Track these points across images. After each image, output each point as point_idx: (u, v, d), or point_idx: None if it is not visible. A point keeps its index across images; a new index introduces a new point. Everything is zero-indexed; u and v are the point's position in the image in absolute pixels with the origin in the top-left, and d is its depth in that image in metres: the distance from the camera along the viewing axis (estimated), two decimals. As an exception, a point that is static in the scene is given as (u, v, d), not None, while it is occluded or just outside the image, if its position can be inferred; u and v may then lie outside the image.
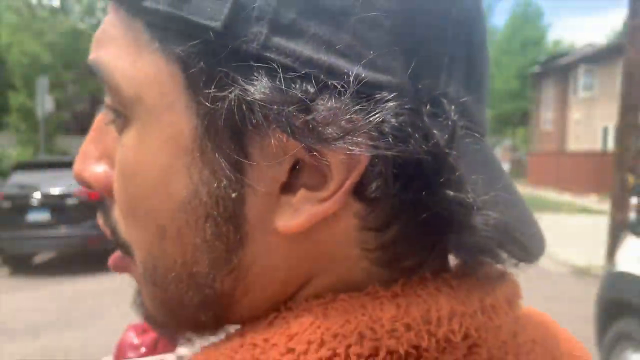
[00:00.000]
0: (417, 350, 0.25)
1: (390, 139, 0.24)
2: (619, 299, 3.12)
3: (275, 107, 0.24)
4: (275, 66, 0.24)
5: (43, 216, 6.93)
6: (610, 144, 16.33)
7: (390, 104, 0.24)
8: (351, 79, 0.24)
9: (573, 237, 9.25)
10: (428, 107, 0.25)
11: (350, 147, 0.23)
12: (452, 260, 0.33)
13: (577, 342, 0.40)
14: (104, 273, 6.79)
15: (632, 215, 3.08)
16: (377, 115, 0.24)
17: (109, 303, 5.44)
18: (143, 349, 0.48)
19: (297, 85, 0.24)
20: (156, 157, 0.27)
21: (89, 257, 7.39)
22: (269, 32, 0.24)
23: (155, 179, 0.28)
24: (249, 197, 0.27)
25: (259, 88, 0.24)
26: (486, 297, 0.28)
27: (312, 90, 0.24)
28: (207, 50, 0.25)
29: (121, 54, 0.28)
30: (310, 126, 0.24)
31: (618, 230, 5.84)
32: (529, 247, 0.28)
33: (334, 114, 0.24)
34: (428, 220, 0.26)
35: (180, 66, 0.26)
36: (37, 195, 6.93)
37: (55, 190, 6.99)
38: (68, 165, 7.47)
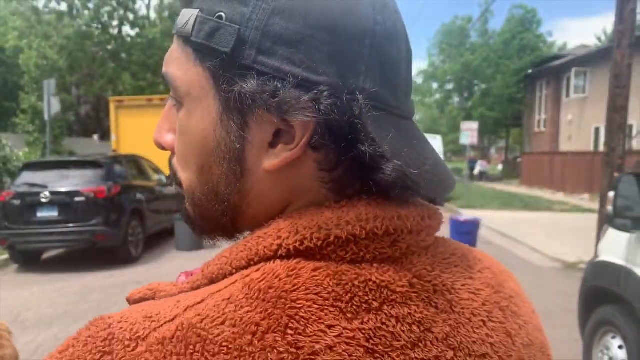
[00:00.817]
0: (354, 238, 0.40)
1: (322, 113, 0.38)
2: (600, 288, 3.23)
3: (258, 95, 0.39)
4: (257, 73, 0.40)
5: (51, 214, 7.01)
6: (602, 144, 16.38)
7: (324, 92, 0.39)
8: (292, 79, 0.39)
9: (565, 234, 9.38)
10: (346, 95, 0.39)
11: (300, 117, 0.38)
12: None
13: (499, 264, 0.52)
14: (110, 269, 6.94)
15: (609, 208, 3.19)
16: (307, 97, 0.38)
17: (115, 297, 5.57)
18: None
19: (270, 83, 0.39)
20: (198, 125, 0.44)
21: (95, 254, 7.51)
22: (256, 54, 0.40)
23: (198, 137, 0.44)
24: (247, 149, 0.42)
25: (249, 85, 0.39)
26: (401, 210, 0.42)
27: (279, 85, 0.39)
28: (223, 64, 0.41)
29: (179, 67, 0.44)
30: (275, 105, 0.39)
31: (605, 227, 5.89)
32: (423, 188, 0.42)
33: (288, 97, 0.39)
34: (358, 165, 0.41)
35: (210, 73, 0.42)
36: (45, 193, 7.00)
37: (63, 189, 7.06)
38: (75, 165, 7.58)
